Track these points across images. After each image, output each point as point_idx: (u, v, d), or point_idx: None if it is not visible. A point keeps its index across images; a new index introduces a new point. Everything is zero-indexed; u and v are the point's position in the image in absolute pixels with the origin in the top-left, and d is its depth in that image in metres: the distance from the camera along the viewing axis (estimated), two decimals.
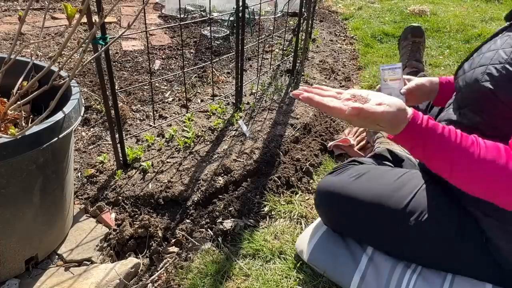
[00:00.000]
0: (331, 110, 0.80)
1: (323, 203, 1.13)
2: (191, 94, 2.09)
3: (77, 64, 0.89)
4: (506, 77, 0.84)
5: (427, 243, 0.98)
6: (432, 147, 0.78)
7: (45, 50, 2.41)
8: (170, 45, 2.68)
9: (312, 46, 2.96)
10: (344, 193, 1.07)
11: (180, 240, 1.21)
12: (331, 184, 1.12)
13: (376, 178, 1.09)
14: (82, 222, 1.25)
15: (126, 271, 1.08)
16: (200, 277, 1.07)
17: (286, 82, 2.33)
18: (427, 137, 0.78)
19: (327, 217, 1.14)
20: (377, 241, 1.07)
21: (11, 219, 0.94)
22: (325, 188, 1.12)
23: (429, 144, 0.78)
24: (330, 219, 1.13)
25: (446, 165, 0.79)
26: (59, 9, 3.22)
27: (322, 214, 1.15)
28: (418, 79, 1.22)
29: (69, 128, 0.96)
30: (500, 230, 0.91)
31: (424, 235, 0.98)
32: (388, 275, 1.01)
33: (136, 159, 1.52)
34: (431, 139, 0.78)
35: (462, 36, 3.25)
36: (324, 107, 0.81)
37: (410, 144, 0.80)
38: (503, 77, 0.84)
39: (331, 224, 1.14)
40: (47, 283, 1.03)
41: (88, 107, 1.85)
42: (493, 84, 0.85)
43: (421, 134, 0.78)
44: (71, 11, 0.80)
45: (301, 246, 1.13)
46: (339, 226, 1.13)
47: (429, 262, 1.02)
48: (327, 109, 0.81)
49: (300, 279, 1.06)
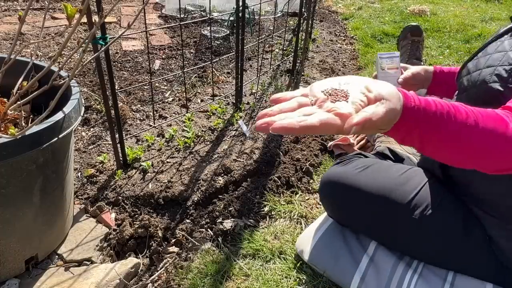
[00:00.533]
0: (314, 129, 0.55)
1: (327, 193, 1.13)
2: (191, 94, 2.09)
3: (77, 64, 0.89)
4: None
5: (431, 238, 0.99)
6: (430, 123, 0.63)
7: (45, 50, 2.41)
8: (170, 45, 2.68)
9: (312, 46, 2.96)
10: (349, 184, 1.08)
11: (180, 240, 1.21)
12: (336, 174, 1.13)
13: (381, 172, 1.09)
14: (82, 222, 1.25)
15: (126, 271, 1.08)
16: (200, 277, 1.07)
17: (286, 82, 2.33)
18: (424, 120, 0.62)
19: (331, 208, 1.15)
20: (380, 234, 1.07)
21: (11, 219, 0.94)
22: (330, 178, 1.12)
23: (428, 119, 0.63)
24: (334, 209, 1.14)
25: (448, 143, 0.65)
26: (59, 9, 3.22)
27: (326, 204, 1.16)
28: (414, 68, 1.24)
29: (69, 128, 0.96)
30: (500, 229, 0.92)
31: (428, 230, 0.98)
32: (389, 275, 1.01)
33: (136, 159, 1.52)
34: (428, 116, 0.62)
35: (462, 36, 3.25)
36: (302, 129, 0.54)
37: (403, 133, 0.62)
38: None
39: (335, 215, 1.14)
40: (47, 283, 1.03)
41: (88, 107, 1.85)
42: (502, 86, 0.85)
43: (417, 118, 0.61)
44: (71, 11, 0.80)
45: (301, 246, 1.13)
46: (342, 217, 1.13)
47: (431, 258, 1.02)
48: (307, 129, 0.55)
49: (300, 279, 1.06)
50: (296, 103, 0.61)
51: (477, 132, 0.64)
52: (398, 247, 1.06)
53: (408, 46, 2.03)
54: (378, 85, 0.60)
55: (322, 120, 0.55)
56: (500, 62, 0.88)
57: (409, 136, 0.62)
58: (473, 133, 0.63)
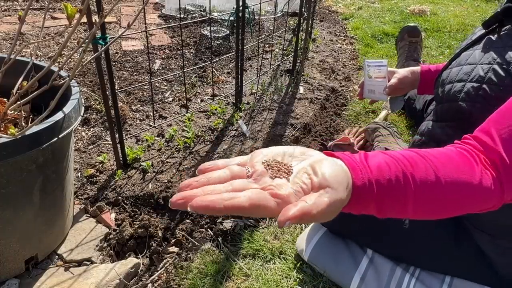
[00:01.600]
0: (243, 210, 0.45)
1: None
2: (191, 94, 2.09)
3: (77, 64, 0.89)
4: (482, 97, 0.81)
5: (423, 249, 0.98)
6: (386, 200, 0.55)
7: (45, 50, 2.41)
8: (170, 45, 2.68)
9: (312, 46, 2.96)
10: None
11: (180, 240, 1.21)
12: None
13: None
14: (82, 222, 1.25)
15: (126, 271, 1.08)
16: (200, 277, 1.07)
17: (286, 82, 2.33)
18: (378, 193, 0.54)
19: None
20: (374, 244, 1.07)
21: (11, 219, 0.94)
22: None
23: (382, 199, 0.55)
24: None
25: (406, 206, 0.56)
26: (59, 9, 3.22)
27: None
28: (401, 72, 1.24)
29: (69, 128, 0.96)
30: (490, 243, 0.91)
31: (421, 241, 0.97)
32: (388, 276, 1.01)
33: (136, 159, 1.52)
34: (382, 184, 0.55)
35: (462, 36, 3.25)
36: (228, 209, 0.45)
37: (359, 209, 0.55)
38: (479, 97, 0.82)
39: (328, 225, 1.14)
40: (47, 283, 1.03)
41: (88, 107, 1.85)
42: (470, 105, 0.83)
43: (370, 194, 0.54)
44: (71, 11, 0.80)
45: (301, 246, 1.13)
46: (336, 227, 1.13)
47: (426, 266, 1.02)
48: (234, 210, 0.45)
49: (300, 279, 1.06)
50: (228, 173, 0.51)
51: (440, 188, 0.56)
52: (392, 255, 1.05)
53: (406, 47, 2.03)
54: (325, 167, 0.50)
55: (253, 200, 0.45)
56: (469, 78, 0.86)
57: (366, 210, 0.55)
58: (436, 191, 0.56)
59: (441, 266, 1.00)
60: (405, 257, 1.03)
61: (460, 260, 0.96)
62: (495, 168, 0.59)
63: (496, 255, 0.91)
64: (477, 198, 0.58)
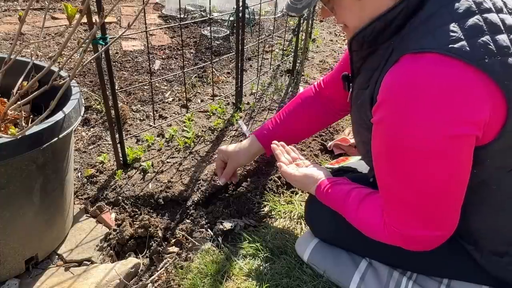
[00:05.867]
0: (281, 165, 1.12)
1: (311, 217, 1.13)
2: (191, 94, 2.09)
3: (77, 64, 0.89)
4: None
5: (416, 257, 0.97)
6: (331, 205, 1.00)
7: (45, 50, 2.41)
8: (170, 45, 2.68)
9: (312, 46, 2.96)
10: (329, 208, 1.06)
11: (180, 240, 1.21)
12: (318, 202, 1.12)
13: None
14: (82, 222, 1.25)
15: (126, 271, 1.08)
16: (200, 277, 1.07)
17: (286, 82, 2.33)
18: (328, 199, 1.00)
19: (315, 230, 1.13)
20: (368, 253, 1.07)
21: (11, 219, 0.94)
22: (313, 202, 1.11)
23: (329, 203, 1.01)
24: (318, 232, 1.13)
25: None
26: (59, 9, 3.22)
27: (311, 227, 1.14)
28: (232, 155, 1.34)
29: (69, 128, 0.97)
30: (476, 252, 0.91)
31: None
32: (387, 276, 1.02)
33: (136, 159, 1.52)
34: (329, 201, 1.00)
35: None
36: (278, 159, 1.15)
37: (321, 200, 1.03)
38: None
39: (320, 236, 1.13)
40: (47, 283, 1.04)
41: (88, 107, 1.85)
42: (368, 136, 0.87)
43: (326, 197, 1.01)
44: (71, 11, 0.80)
45: (301, 246, 1.13)
46: (327, 239, 1.12)
47: (422, 271, 1.02)
48: (279, 160, 1.15)
49: (300, 279, 1.06)
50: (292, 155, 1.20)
51: (355, 221, 0.92)
52: (387, 263, 1.05)
53: None
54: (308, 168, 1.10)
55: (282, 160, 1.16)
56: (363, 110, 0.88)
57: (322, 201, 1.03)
58: (352, 220, 0.93)
59: (436, 273, 1.00)
60: (398, 264, 1.03)
61: (455, 264, 0.96)
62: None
63: (486, 262, 0.90)
64: (378, 238, 0.89)
